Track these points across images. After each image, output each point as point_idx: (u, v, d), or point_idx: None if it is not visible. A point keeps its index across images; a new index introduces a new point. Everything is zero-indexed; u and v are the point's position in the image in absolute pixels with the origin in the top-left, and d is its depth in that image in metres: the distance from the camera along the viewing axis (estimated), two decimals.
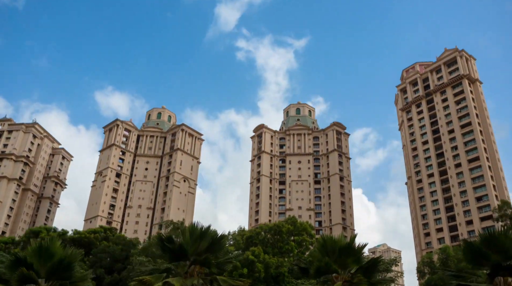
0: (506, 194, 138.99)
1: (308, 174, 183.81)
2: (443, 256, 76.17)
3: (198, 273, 21.10)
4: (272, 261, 56.03)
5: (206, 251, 21.31)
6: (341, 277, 21.56)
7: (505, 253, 17.37)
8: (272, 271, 55.46)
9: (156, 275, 20.70)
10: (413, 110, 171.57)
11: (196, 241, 21.20)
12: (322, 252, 21.90)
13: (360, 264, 21.96)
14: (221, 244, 22.18)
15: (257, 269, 53.92)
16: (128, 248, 76.75)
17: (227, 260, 24.04)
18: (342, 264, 21.68)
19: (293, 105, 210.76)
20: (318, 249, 22.63)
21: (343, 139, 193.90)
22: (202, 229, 21.50)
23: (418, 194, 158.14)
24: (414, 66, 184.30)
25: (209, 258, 21.21)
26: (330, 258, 21.42)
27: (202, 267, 21.37)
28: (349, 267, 21.98)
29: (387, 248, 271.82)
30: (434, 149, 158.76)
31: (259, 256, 55.91)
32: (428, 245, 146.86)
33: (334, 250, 21.47)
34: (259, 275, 53.78)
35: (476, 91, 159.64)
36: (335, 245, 21.60)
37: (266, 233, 67.29)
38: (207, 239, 21.34)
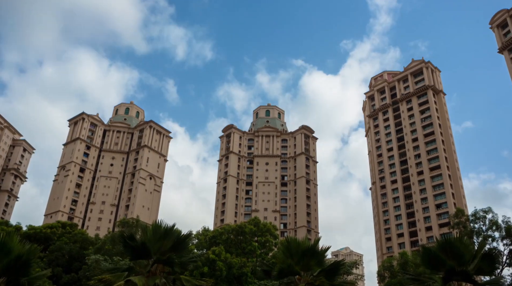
0: (464, 202, 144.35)
1: (275, 176, 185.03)
2: (402, 261, 78.14)
3: (160, 272, 20.86)
4: (234, 261, 56.03)
5: (170, 250, 21.09)
6: (304, 279, 21.78)
7: (459, 258, 18.03)
8: (235, 271, 55.47)
9: (117, 273, 20.31)
10: (380, 117, 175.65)
11: (159, 239, 20.95)
12: (286, 254, 22.06)
13: (323, 266, 22.23)
14: (185, 243, 22.00)
15: (218, 268, 53.78)
16: (88, 245, 74.79)
17: (191, 260, 23.85)
18: (305, 266, 21.89)
19: (263, 107, 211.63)
20: (282, 250, 22.80)
21: (311, 143, 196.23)
22: (166, 228, 21.26)
23: (382, 200, 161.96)
24: (383, 75, 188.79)
25: (172, 257, 21.00)
26: (293, 260, 21.59)
27: (165, 266, 21.14)
28: (312, 269, 22.22)
29: (350, 251, 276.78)
30: (399, 156, 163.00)
31: (220, 255, 55.83)
32: (389, 249, 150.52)
33: (298, 252, 21.66)
34: (220, 273, 53.65)
35: (439, 102, 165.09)
36: (298, 247, 21.79)
37: (230, 234, 67.22)
38: (171, 238, 21.12)
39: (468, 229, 72.82)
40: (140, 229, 68.73)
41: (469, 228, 73.29)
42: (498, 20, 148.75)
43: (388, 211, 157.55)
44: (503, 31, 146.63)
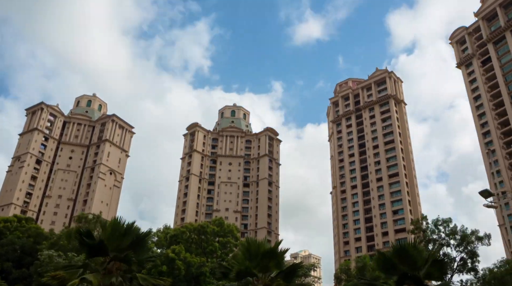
0: (419, 209, 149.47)
1: (237, 176, 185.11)
2: (361, 264, 79.94)
3: (117, 270, 20.39)
4: (194, 260, 55.63)
5: (128, 248, 20.64)
6: (262, 280, 21.88)
7: (413, 264, 18.66)
8: (194, 271, 55.06)
9: (72, 270, 19.67)
10: (343, 123, 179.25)
11: (118, 237, 20.46)
12: (245, 255, 22.07)
13: (281, 268, 22.39)
14: (144, 241, 21.60)
15: (177, 267, 53.25)
16: (42, 240, 72.15)
17: (150, 258, 23.46)
18: (264, 268, 21.98)
19: (229, 107, 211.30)
20: (242, 251, 22.79)
21: (275, 145, 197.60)
22: (125, 225, 20.80)
23: (341, 204, 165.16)
24: (347, 82, 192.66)
25: (130, 255, 20.58)
26: (252, 261, 21.63)
27: (122, 264, 20.69)
28: (270, 271, 22.34)
29: (309, 254, 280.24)
30: (359, 162, 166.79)
31: (179, 254, 55.31)
32: (346, 253, 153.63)
33: (257, 254, 21.72)
34: (179, 272, 53.14)
35: (400, 111, 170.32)
36: (258, 249, 21.85)
37: (191, 233, 66.70)
38: (130, 236, 20.65)
39: (425, 236, 75.27)
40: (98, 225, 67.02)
41: (426, 235, 75.75)
42: (457, 37, 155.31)
43: (347, 215, 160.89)
44: (461, 47, 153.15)
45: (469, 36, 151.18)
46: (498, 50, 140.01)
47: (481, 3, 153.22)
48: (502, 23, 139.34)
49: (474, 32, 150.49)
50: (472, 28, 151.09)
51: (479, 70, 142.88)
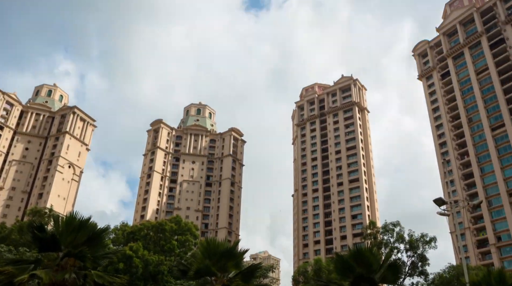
0: (377, 214, 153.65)
1: (200, 176, 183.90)
2: (317, 267, 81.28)
3: (71, 267, 19.81)
4: (151, 258, 54.78)
5: (83, 243, 20.09)
6: (220, 280, 21.86)
7: (368, 267, 19.21)
8: (152, 269, 54.25)
9: (22, 266, 18.93)
10: (307, 127, 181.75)
11: (72, 232, 19.89)
12: (204, 254, 22.01)
13: (240, 268, 22.47)
14: (100, 237, 21.11)
15: (135, 265, 52.30)
16: None
17: (106, 255, 22.94)
18: (222, 268, 21.98)
19: (194, 105, 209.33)
20: (201, 251, 22.71)
21: (239, 145, 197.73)
22: (81, 220, 20.24)
23: (302, 207, 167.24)
24: (313, 86, 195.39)
25: (85, 251, 20.03)
26: (211, 261, 21.58)
27: (77, 261, 20.11)
28: (229, 271, 22.37)
29: (268, 255, 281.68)
30: (322, 166, 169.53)
31: (137, 251, 54.35)
32: (305, 255, 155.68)
33: (216, 253, 21.70)
34: (136, 270, 52.21)
35: (363, 119, 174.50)
36: (217, 248, 21.84)
37: (149, 230, 65.70)
38: (85, 231, 20.13)
39: (378, 240, 77.61)
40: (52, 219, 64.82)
41: (379, 239, 78.13)
42: (419, 49, 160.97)
43: (307, 218, 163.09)
44: (423, 60, 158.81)
45: (430, 49, 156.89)
46: (456, 65, 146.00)
47: (443, 19, 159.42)
48: (461, 39, 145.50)
49: (435, 46, 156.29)
50: (434, 43, 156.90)
51: (438, 83, 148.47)
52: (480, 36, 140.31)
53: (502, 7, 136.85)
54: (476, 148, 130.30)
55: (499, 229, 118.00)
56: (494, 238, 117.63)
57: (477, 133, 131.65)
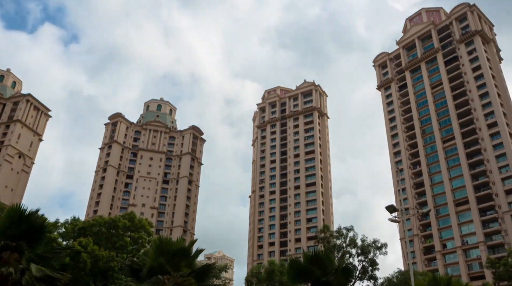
0: (331, 218, 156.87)
1: (158, 172, 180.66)
2: (270, 269, 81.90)
3: (14, 261, 19.02)
4: (102, 254, 53.20)
5: (23, 236, 19.32)
6: (173, 279, 21.61)
7: (324, 270, 19.59)
8: (101, 265, 52.68)
9: None
10: (268, 129, 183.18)
11: (13, 224, 19.09)
12: (157, 252, 21.68)
13: (194, 268, 22.32)
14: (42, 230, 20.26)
15: (83, 260, 50.65)
16: None
17: (53, 250, 22.18)
18: (176, 267, 21.74)
19: (155, 100, 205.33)
20: (154, 249, 22.34)
21: (199, 144, 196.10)
22: (25, 212, 19.42)
23: (259, 208, 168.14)
24: (276, 89, 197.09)
25: (22, 244, 19.27)
26: (164, 259, 21.31)
27: (17, 254, 19.32)
28: (182, 270, 22.16)
29: (223, 255, 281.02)
30: (280, 168, 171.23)
31: (86, 246, 52.69)
32: (259, 256, 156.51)
33: (170, 252, 21.43)
34: (84, 266, 50.55)
35: (323, 124, 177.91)
36: (171, 247, 21.58)
37: (101, 226, 63.83)
38: (25, 224, 19.33)
39: (331, 244, 79.22)
40: None
41: (332, 243, 79.78)
42: (380, 61, 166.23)
43: (263, 219, 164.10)
44: (383, 71, 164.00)
45: (390, 61, 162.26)
46: (413, 78, 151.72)
47: (403, 33, 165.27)
48: (419, 54, 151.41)
49: (395, 59, 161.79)
50: (394, 55, 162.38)
51: (396, 94, 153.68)
52: (436, 52, 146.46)
53: (457, 27, 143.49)
54: (428, 158, 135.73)
55: (445, 236, 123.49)
56: (440, 245, 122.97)
57: (429, 145, 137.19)
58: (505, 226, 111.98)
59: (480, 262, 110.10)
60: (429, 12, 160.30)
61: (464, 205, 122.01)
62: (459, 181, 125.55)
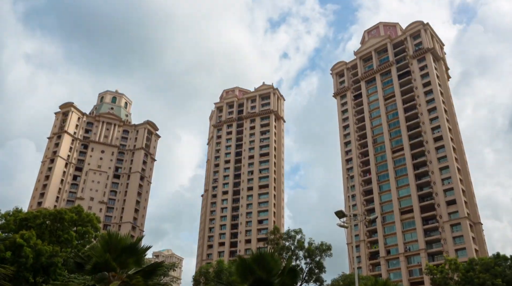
0: (282, 221, 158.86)
1: (109, 166, 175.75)
2: (218, 268, 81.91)
3: None
4: (45, 248, 51.18)
5: None
6: (119, 276, 21.23)
7: (269, 271, 19.94)
8: (44, 260, 50.68)
9: None
10: (224, 129, 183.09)
11: None
12: (104, 248, 21.23)
13: (141, 265, 22.03)
14: None
15: (24, 254, 48.56)
16: None
17: None
18: (123, 264, 21.38)
19: (110, 92, 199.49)
20: (101, 244, 21.85)
21: (153, 140, 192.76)
22: None
23: (211, 208, 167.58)
24: (234, 90, 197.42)
25: None
26: (111, 256, 20.90)
27: None
28: (129, 267, 21.82)
29: (172, 253, 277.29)
30: (234, 169, 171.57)
31: (29, 240, 50.55)
32: (209, 256, 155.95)
33: (117, 248, 21.05)
34: (26, 260, 48.48)
35: (279, 128, 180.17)
36: (119, 243, 21.18)
37: (46, 218, 61.40)
38: None
39: (280, 246, 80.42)
40: None
41: (281, 245, 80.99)
42: (337, 69, 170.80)
43: (215, 219, 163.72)
44: (340, 79, 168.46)
45: (347, 71, 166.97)
46: (368, 89, 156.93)
47: (361, 44, 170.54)
48: (375, 66, 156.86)
49: (352, 69, 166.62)
50: (351, 65, 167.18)
51: (351, 103, 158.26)
52: (391, 66, 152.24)
53: (412, 43, 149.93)
54: (378, 167, 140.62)
55: (390, 243, 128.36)
56: (384, 251, 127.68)
57: (379, 154, 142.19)
58: (444, 235, 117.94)
59: (420, 269, 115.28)
60: (386, 26, 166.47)
61: (409, 214, 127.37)
62: (406, 190, 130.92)
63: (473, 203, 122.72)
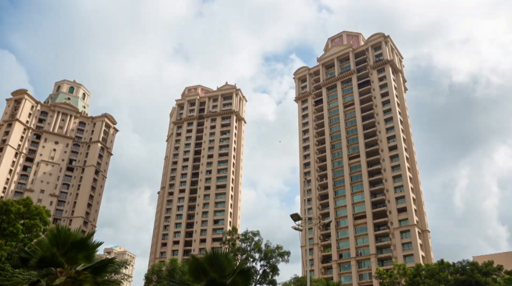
0: (238, 222, 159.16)
1: (62, 158, 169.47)
2: (171, 267, 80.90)
3: None
4: None
5: None
6: (66, 272, 20.60)
7: (222, 272, 19.91)
8: None
9: None
10: (184, 127, 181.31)
11: None
12: (52, 243, 20.55)
13: (91, 261, 21.50)
14: None
15: None
16: None
17: None
18: (71, 259, 20.77)
19: (68, 82, 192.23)
20: (49, 238, 21.13)
21: (111, 133, 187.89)
22: None
23: (167, 205, 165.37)
24: (197, 88, 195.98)
25: None
26: (59, 250, 20.26)
27: None
28: (78, 263, 21.23)
29: (124, 250, 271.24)
30: (192, 168, 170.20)
31: None
32: (162, 254, 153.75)
33: (66, 243, 20.43)
34: None
35: (239, 128, 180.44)
36: (68, 238, 20.56)
37: None
38: None
39: (236, 247, 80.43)
40: None
41: (237, 246, 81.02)
42: (300, 74, 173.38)
43: (170, 217, 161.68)
44: (302, 84, 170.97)
45: (309, 76, 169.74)
46: (329, 95, 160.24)
47: (324, 51, 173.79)
48: (336, 73, 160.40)
49: (314, 74, 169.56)
50: (313, 71, 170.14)
51: (312, 108, 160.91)
52: (352, 74, 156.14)
53: (372, 54, 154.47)
54: (334, 172, 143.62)
55: (342, 247, 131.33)
56: (336, 255, 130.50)
57: (337, 160, 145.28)
58: (394, 241, 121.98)
59: (370, 273, 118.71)
60: (350, 36, 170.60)
61: (362, 219, 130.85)
62: (360, 196, 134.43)
63: (422, 211, 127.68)
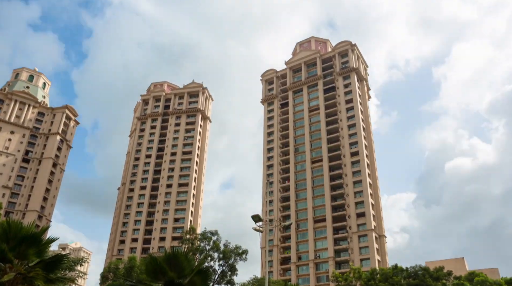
0: (199, 221, 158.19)
1: (18, 149, 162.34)
2: (129, 265, 79.28)
3: None
4: None
5: None
6: (16, 268, 19.74)
7: (180, 271, 19.59)
8: None
9: None
10: (148, 123, 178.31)
11: None
12: (2, 237, 19.68)
13: (43, 257, 20.72)
14: None
15: None
16: None
17: None
18: (22, 255, 19.93)
19: (27, 70, 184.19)
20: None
21: (71, 125, 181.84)
22: None
23: (126, 202, 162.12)
24: (163, 84, 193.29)
25: None
26: (8, 245, 19.41)
27: None
28: (30, 259, 20.40)
29: (80, 247, 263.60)
30: (155, 164, 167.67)
31: None
32: (120, 252, 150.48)
33: (16, 237, 19.60)
34: None
35: (204, 127, 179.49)
36: (19, 232, 19.73)
37: None
38: None
39: (195, 246, 79.83)
40: None
41: (196, 245, 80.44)
42: (267, 76, 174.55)
43: (130, 214, 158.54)
44: (269, 86, 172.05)
45: (276, 79, 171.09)
46: (295, 99, 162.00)
47: (292, 55, 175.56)
48: (303, 77, 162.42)
49: (281, 77, 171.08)
50: (281, 74, 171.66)
51: (277, 111, 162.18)
52: (318, 79, 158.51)
53: (339, 61, 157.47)
54: (297, 175, 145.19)
55: (301, 249, 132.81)
56: (296, 257, 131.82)
57: (300, 163, 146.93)
58: (352, 245, 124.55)
59: (328, 276, 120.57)
60: (318, 41, 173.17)
61: (322, 222, 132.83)
62: (321, 200, 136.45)
63: (379, 216, 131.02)
